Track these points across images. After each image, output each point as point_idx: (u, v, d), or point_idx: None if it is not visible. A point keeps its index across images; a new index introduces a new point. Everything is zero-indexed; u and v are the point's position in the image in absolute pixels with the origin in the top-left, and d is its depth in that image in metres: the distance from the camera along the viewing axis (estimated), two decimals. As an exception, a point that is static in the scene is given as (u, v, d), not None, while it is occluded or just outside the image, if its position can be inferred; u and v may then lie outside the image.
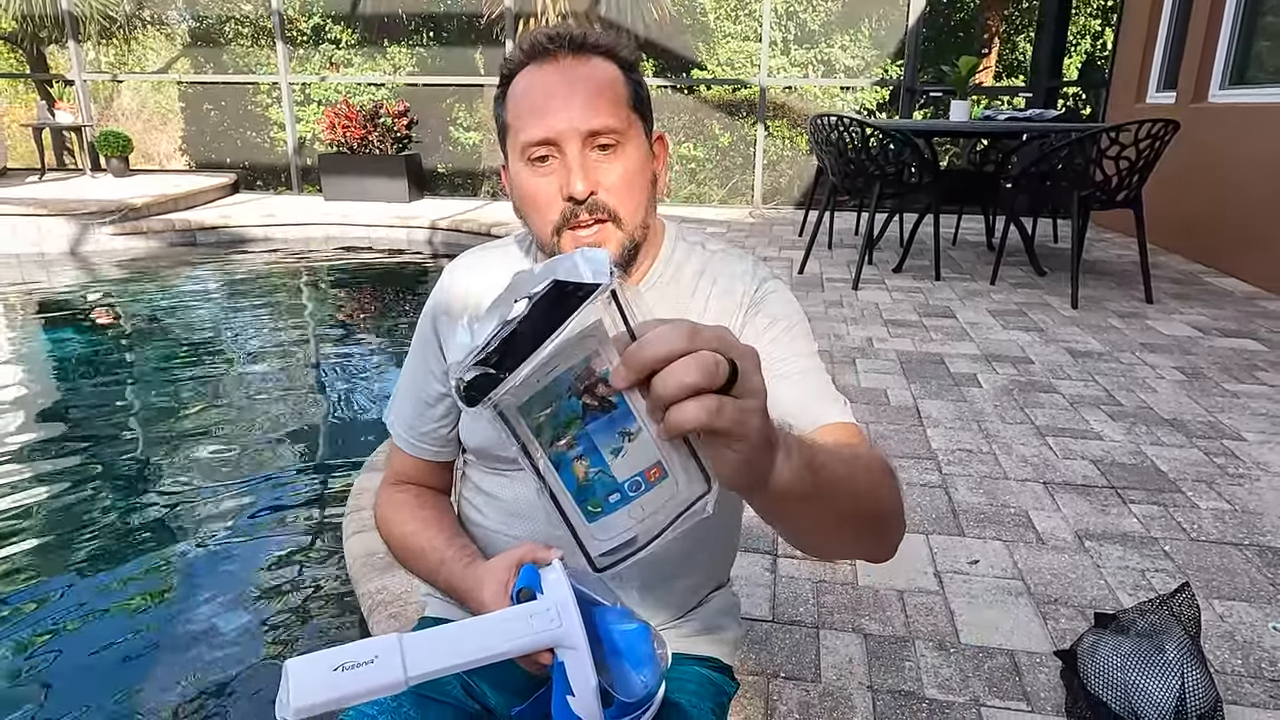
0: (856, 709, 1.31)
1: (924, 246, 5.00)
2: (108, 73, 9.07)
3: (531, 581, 0.80)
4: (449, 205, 7.38)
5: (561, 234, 0.88)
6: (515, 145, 0.89)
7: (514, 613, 0.76)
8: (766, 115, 7.77)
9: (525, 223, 0.93)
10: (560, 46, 0.88)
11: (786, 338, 0.98)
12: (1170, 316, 3.74)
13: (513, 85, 0.90)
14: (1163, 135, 3.65)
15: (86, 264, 6.01)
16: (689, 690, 0.97)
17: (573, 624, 0.74)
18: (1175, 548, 1.81)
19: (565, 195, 0.87)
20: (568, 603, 0.76)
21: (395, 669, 0.67)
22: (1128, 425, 2.49)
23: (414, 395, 1.03)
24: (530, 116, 0.87)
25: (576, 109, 0.86)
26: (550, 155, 0.87)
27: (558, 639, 0.74)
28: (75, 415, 3.44)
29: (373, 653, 0.67)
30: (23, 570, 2.24)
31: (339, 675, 0.65)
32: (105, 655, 1.91)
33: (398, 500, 1.06)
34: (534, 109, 0.87)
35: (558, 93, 0.86)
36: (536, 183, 0.88)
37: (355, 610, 1.84)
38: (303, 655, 0.66)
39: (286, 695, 0.64)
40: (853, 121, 4.31)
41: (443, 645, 0.71)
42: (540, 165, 0.87)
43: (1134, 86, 5.98)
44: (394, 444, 1.07)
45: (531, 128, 0.87)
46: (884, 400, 2.67)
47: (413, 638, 0.70)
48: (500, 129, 0.93)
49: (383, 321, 4.85)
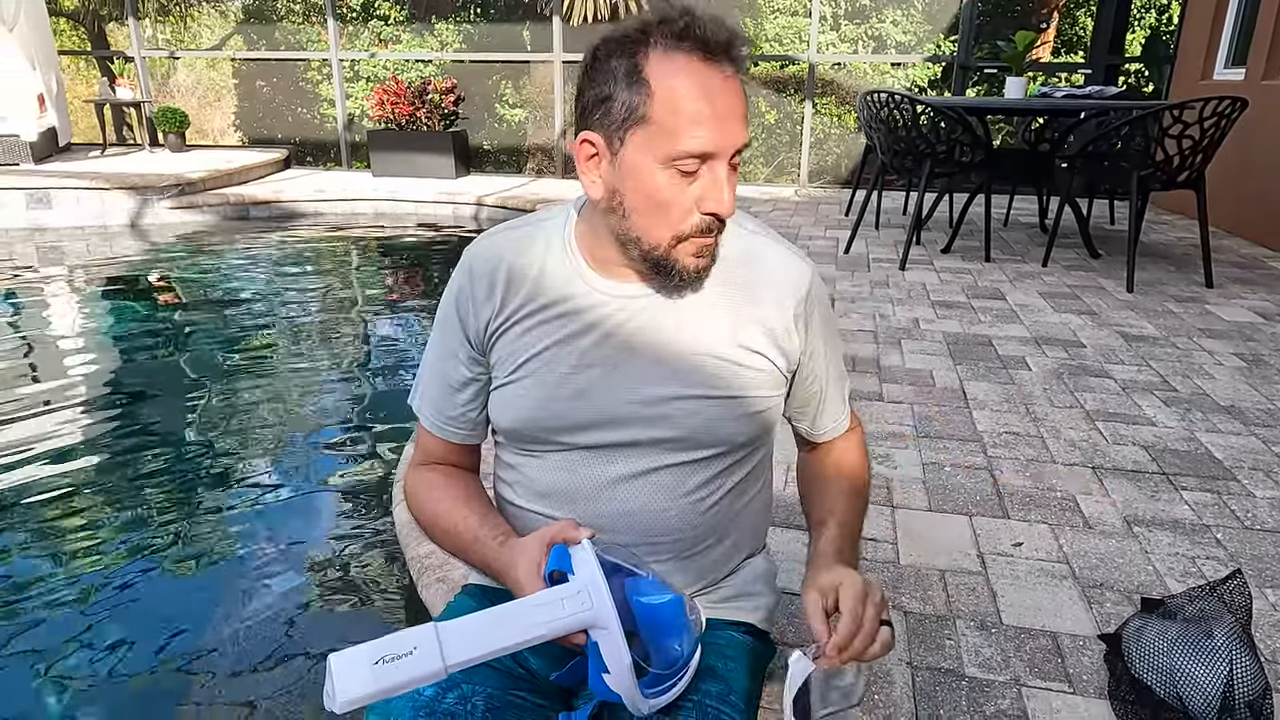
0: (895, 683, 1.32)
1: (974, 227, 4.91)
2: (165, 49, 9.28)
3: (563, 562, 0.81)
4: (494, 182, 7.43)
5: (684, 242, 0.87)
6: (660, 145, 0.82)
7: (546, 597, 0.78)
8: (815, 92, 7.65)
9: (627, 217, 0.87)
10: (724, 53, 0.82)
11: (834, 339, 1.07)
12: (1231, 301, 3.62)
13: (665, 73, 0.81)
14: (1229, 113, 3.52)
15: (146, 236, 6.20)
16: (725, 654, 0.99)
17: (604, 606, 0.76)
18: (1228, 535, 1.77)
19: (708, 210, 0.85)
20: (598, 584, 0.77)
21: (434, 659, 0.70)
22: (1182, 411, 2.43)
23: (440, 379, 1.02)
24: (696, 125, 0.81)
25: (736, 126, 0.83)
26: (700, 167, 0.84)
27: (590, 621, 0.76)
28: (133, 382, 3.56)
29: (411, 644, 0.70)
30: (80, 530, 2.35)
31: (380, 668, 0.68)
32: (160, 612, 2.00)
33: (429, 480, 1.06)
34: (706, 118, 0.81)
35: (726, 106, 0.82)
36: (676, 189, 0.84)
37: (405, 573, 1.89)
38: (344, 650, 0.69)
39: (332, 689, 0.67)
40: (904, 98, 4.23)
41: (478, 633, 0.73)
42: (688, 175, 0.84)
43: (1200, 63, 5.76)
44: (421, 425, 1.07)
45: (697, 138, 0.81)
46: (929, 382, 2.64)
47: (448, 627, 0.72)
48: (626, 110, 0.83)
49: (430, 296, 4.93)
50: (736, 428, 0.97)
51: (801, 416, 1.08)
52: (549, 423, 0.96)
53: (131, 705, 1.70)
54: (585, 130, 0.86)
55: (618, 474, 0.96)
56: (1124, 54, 7.55)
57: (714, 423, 0.95)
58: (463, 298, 0.98)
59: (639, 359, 0.94)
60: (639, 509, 0.97)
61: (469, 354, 0.99)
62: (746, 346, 0.95)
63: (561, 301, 0.95)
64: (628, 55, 0.82)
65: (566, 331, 0.94)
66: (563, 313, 0.95)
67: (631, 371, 0.94)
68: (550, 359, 0.95)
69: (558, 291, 0.95)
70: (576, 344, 0.94)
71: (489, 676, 0.93)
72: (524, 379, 0.96)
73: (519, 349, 0.96)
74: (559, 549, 0.83)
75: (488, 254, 0.99)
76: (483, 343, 0.98)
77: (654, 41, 0.81)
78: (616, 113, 0.83)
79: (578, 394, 0.94)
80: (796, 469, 1.17)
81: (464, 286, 0.99)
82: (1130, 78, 9.19)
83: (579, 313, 0.94)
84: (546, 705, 0.96)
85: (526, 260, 0.97)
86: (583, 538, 0.82)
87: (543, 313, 0.95)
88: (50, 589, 2.05)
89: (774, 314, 0.97)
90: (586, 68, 0.85)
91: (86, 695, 1.72)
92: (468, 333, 0.98)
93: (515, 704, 0.93)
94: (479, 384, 1.01)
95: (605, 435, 0.95)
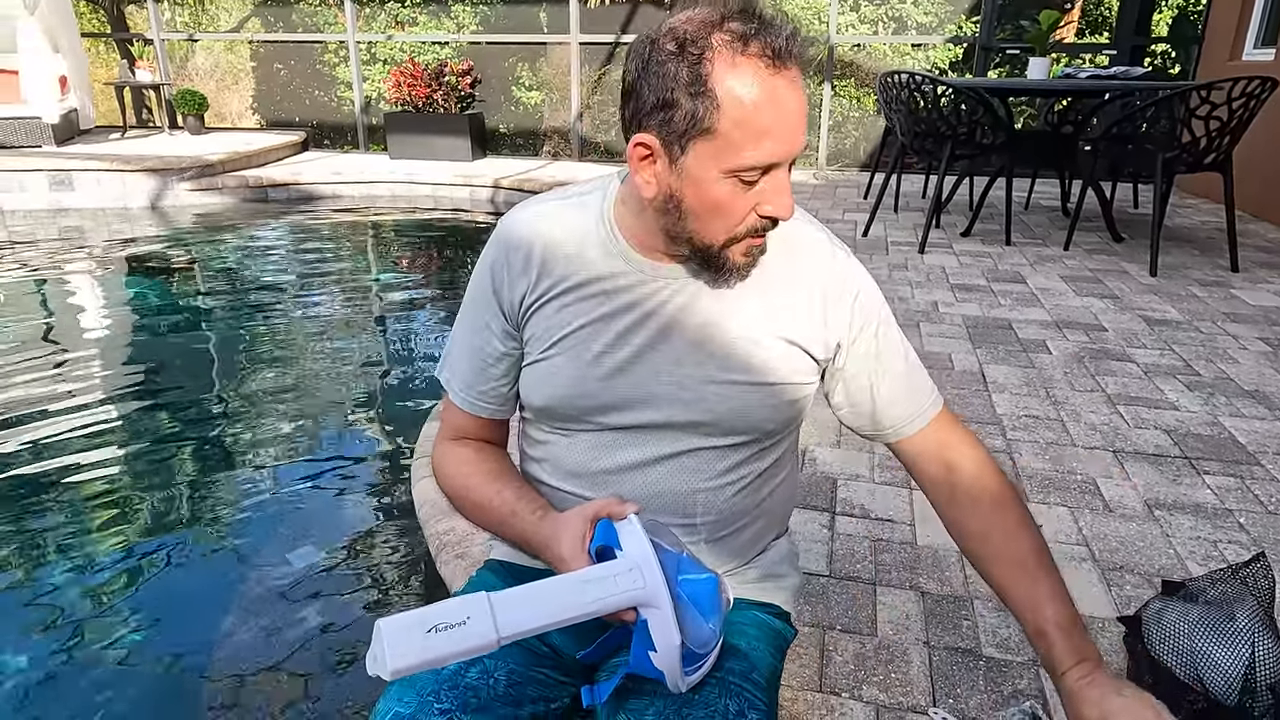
0: (912, 663, 1.32)
1: (994, 210, 4.86)
2: (184, 32, 9.31)
3: (609, 538, 0.80)
4: (511, 164, 7.42)
5: (738, 243, 0.86)
6: (725, 158, 0.80)
7: (598, 572, 0.77)
8: (834, 74, 7.57)
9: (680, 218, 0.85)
10: (790, 56, 0.78)
11: (888, 331, 1.01)
12: (1257, 286, 3.57)
13: (729, 87, 0.77)
14: (1259, 94, 3.45)
15: (165, 218, 6.24)
16: (749, 634, 0.99)
17: (657, 584, 0.75)
18: (1251, 520, 1.76)
19: (765, 213, 0.84)
20: (650, 561, 0.76)
21: (488, 629, 0.68)
22: (1205, 396, 2.40)
23: (472, 353, 1.01)
24: (763, 138, 0.79)
25: (800, 132, 0.81)
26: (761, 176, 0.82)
27: (643, 599, 0.75)
28: (153, 361, 3.60)
29: (465, 614, 0.68)
30: (104, 509, 2.38)
31: (433, 637, 0.66)
32: (180, 587, 2.03)
33: (459, 454, 1.05)
34: (768, 132, 0.79)
35: (793, 115, 0.80)
36: (736, 196, 0.82)
37: (424, 549, 1.91)
38: (394, 616, 0.67)
39: (382, 655, 0.65)
40: (925, 79, 4.18)
41: (532, 605, 0.72)
42: (749, 184, 0.82)
43: (1229, 43, 5.64)
44: (449, 400, 1.06)
45: (765, 150, 0.79)
46: (948, 365, 2.63)
47: (501, 597, 0.71)
48: (689, 121, 0.79)
49: (447, 277, 4.95)
50: (769, 414, 0.96)
51: (853, 410, 1.02)
52: (582, 402, 0.95)
53: (152, 677, 1.74)
54: (641, 132, 0.82)
55: (649, 455, 0.96)
56: (1150, 34, 7.41)
57: (748, 408, 0.94)
58: (498, 269, 0.97)
59: (677, 341, 0.93)
60: (669, 490, 0.97)
61: (503, 327, 0.98)
62: (784, 334, 0.94)
63: (600, 279, 0.93)
64: (691, 63, 0.77)
65: (604, 310, 0.93)
66: (601, 291, 0.93)
67: (669, 353, 0.93)
68: (586, 337, 0.93)
69: (597, 269, 0.93)
70: (614, 323, 0.93)
71: (511, 652, 0.93)
72: (557, 356, 0.95)
73: (554, 326, 0.95)
74: (604, 524, 0.82)
75: (525, 227, 0.97)
76: (517, 317, 0.97)
77: (719, 47, 0.77)
78: (679, 122, 0.79)
79: (612, 373, 0.94)
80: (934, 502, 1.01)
81: (498, 259, 0.97)
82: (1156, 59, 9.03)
83: (618, 292, 0.93)
84: (569, 681, 0.97)
85: (564, 235, 0.95)
86: (629, 513, 0.82)
87: (580, 290, 0.94)
88: (67, 563, 2.09)
89: (813, 302, 0.96)
90: (643, 64, 0.80)
91: (104, 667, 1.75)
92: (502, 306, 0.97)
93: (537, 680, 0.94)
94: (512, 359, 0.99)
95: (638, 416, 0.95)
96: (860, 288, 0.98)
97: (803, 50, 0.79)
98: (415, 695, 0.87)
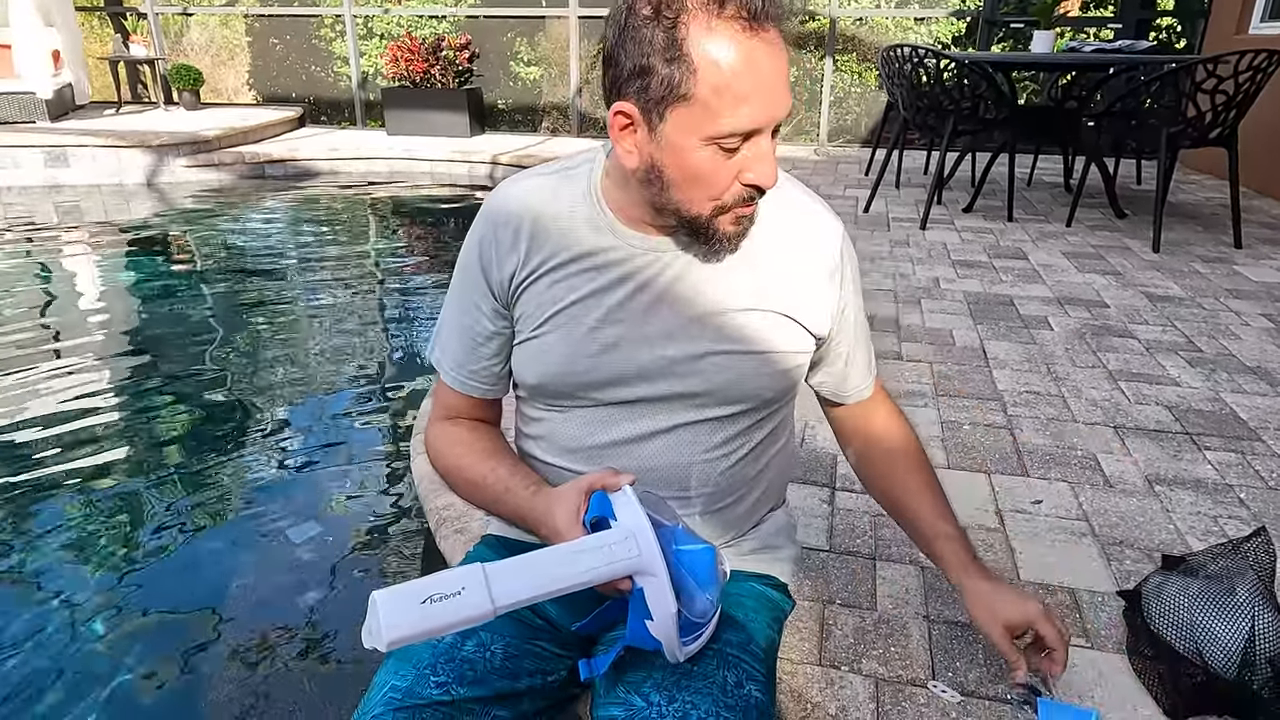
0: (911, 636, 1.32)
1: (996, 186, 4.82)
2: (178, 5, 9.18)
3: (604, 509, 0.80)
4: (509, 140, 7.36)
5: (725, 212, 0.85)
6: (703, 125, 0.77)
7: (592, 541, 0.77)
8: (835, 49, 7.49)
9: (664, 189, 0.83)
10: (768, 15, 0.76)
11: (860, 299, 1.07)
12: (1260, 262, 3.55)
13: (705, 50, 0.75)
14: (1266, 68, 3.41)
15: (162, 194, 6.20)
16: (746, 605, 0.99)
17: (652, 552, 0.75)
18: (1251, 495, 1.75)
19: (749, 181, 0.82)
20: (645, 530, 0.76)
21: (483, 599, 0.68)
22: (1207, 372, 2.39)
23: (462, 333, 1.00)
24: (741, 103, 0.76)
25: (781, 96, 0.79)
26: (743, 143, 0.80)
27: (638, 567, 0.75)
28: (151, 338, 3.59)
29: (460, 584, 0.68)
30: (102, 490, 2.38)
31: (429, 607, 0.66)
32: (184, 572, 2.03)
33: (452, 434, 1.04)
34: (746, 96, 0.76)
35: (771, 78, 0.77)
36: (718, 163, 0.80)
37: (424, 525, 1.91)
38: (389, 588, 0.67)
39: (377, 627, 0.65)
40: (928, 52, 4.13)
41: (527, 575, 0.72)
42: (730, 151, 0.80)
43: (1236, 15, 5.57)
44: (441, 380, 1.05)
45: (743, 116, 0.77)
46: (949, 340, 2.62)
47: (496, 568, 0.71)
48: (665, 87, 0.77)
49: (445, 254, 4.92)
50: (765, 384, 0.96)
51: (828, 376, 1.07)
52: (575, 378, 0.94)
53: (150, 658, 1.74)
54: (620, 101, 0.80)
55: (645, 429, 0.96)
56: (1156, 8, 7.32)
57: (744, 378, 0.94)
58: (485, 247, 0.96)
59: (670, 314, 0.92)
60: (665, 464, 0.96)
61: (492, 306, 0.97)
62: (777, 303, 0.94)
63: (591, 255, 0.92)
64: (666, 27, 0.75)
65: (595, 285, 0.92)
66: (592, 266, 0.92)
67: (661, 326, 0.92)
68: (578, 313, 0.93)
69: (587, 244, 0.92)
70: (606, 298, 0.92)
71: (506, 625, 0.94)
72: (550, 333, 0.94)
73: (545, 302, 0.94)
74: (599, 495, 0.82)
75: (512, 203, 0.95)
76: (507, 295, 0.96)
77: (694, 10, 0.75)
78: (655, 89, 0.77)
79: (606, 348, 0.93)
80: (850, 455, 1.17)
81: (486, 236, 0.96)
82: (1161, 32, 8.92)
83: (609, 266, 0.92)
84: (565, 654, 0.97)
85: (553, 211, 0.94)
86: (624, 484, 0.81)
87: (570, 265, 0.93)
88: (67, 545, 2.09)
89: (806, 271, 0.95)
90: (620, 30, 0.78)
91: (107, 650, 1.76)
92: (491, 284, 0.96)
93: (534, 653, 0.94)
94: (503, 337, 0.99)
95: (633, 391, 0.94)
96: (849, 257, 1.01)
97: (783, 10, 0.77)
98: (412, 668, 0.87)
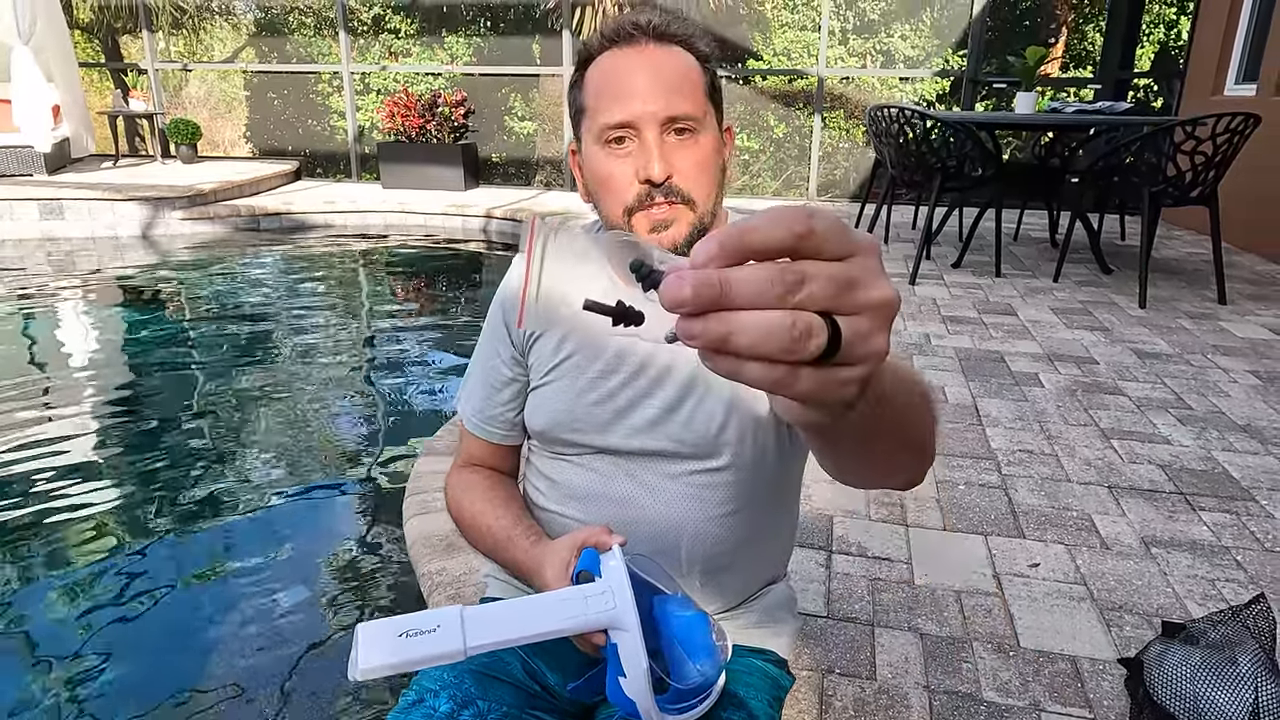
0: (912, 708, 1.30)
1: (984, 242, 4.89)
2: (178, 61, 9.36)
3: (591, 565, 0.82)
4: (504, 194, 7.45)
5: (634, 215, 0.89)
6: (592, 127, 0.90)
7: (571, 593, 0.78)
8: (823, 106, 7.66)
9: (595, 205, 0.94)
10: (644, 33, 0.89)
11: None
12: (1245, 318, 3.60)
13: (592, 68, 0.91)
14: (1242, 130, 3.50)
15: (157, 247, 6.22)
16: (746, 682, 0.98)
17: (626, 607, 0.76)
18: (1248, 558, 1.75)
19: (642, 178, 0.87)
20: (624, 586, 0.77)
21: (455, 639, 0.70)
22: (1198, 430, 2.41)
23: (484, 380, 1.05)
24: (611, 99, 0.88)
25: (658, 95, 0.87)
26: (628, 138, 0.88)
27: (611, 620, 0.76)
28: (144, 391, 3.57)
29: (436, 622, 0.71)
30: (89, 542, 2.34)
31: (403, 641, 0.69)
32: (169, 626, 1.99)
33: (469, 481, 1.09)
34: (615, 92, 0.88)
35: (640, 78, 0.87)
36: (612, 165, 0.89)
37: (415, 590, 1.88)
38: (373, 620, 0.70)
39: (356, 655, 0.68)
40: (914, 113, 4.23)
41: (501, 620, 0.74)
42: (617, 147, 0.88)
43: (1211, 78, 5.75)
44: (464, 427, 1.10)
45: (612, 110, 0.87)
46: (941, 398, 2.63)
47: (473, 611, 0.73)
48: (575, 112, 0.94)
49: (440, 309, 4.93)
50: (764, 437, 0.96)
51: None
52: (577, 425, 0.97)
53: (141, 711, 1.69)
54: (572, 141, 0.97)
55: (644, 481, 0.96)
56: (1134, 69, 7.55)
57: (742, 431, 0.94)
58: (507, 302, 1.02)
59: (661, 363, 0.94)
60: (663, 517, 0.96)
61: (511, 354, 1.02)
62: None
63: None
64: (581, 67, 0.93)
65: (593, 334, 0.96)
66: None
67: (657, 377, 0.94)
68: (581, 361, 0.96)
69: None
70: (604, 349, 0.95)
71: (505, 693, 0.93)
72: (556, 381, 0.98)
73: (551, 352, 0.98)
74: (589, 552, 0.84)
75: None
76: (523, 343, 1.01)
77: (593, 44, 0.92)
78: (575, 115, 0.94)
79: (606, 397, 0.95)
80: None
81: (509, 291, 1.03)
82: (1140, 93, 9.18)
83: None
84: (564, 724, 0.95)
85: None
86: (614, 544, 0.83)
87: None
88: (58, 597, 2.05)
89: None
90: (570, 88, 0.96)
91: (94, 698, 1.71)
92: (510, 332, 1.02)
93: (531, 722, 0.92)
94: (519, 384, 1.03)
95: (631, 441, 0.95)
96: None
97: (663, 26, 0.89)
98: (407, 740, 0.85)
